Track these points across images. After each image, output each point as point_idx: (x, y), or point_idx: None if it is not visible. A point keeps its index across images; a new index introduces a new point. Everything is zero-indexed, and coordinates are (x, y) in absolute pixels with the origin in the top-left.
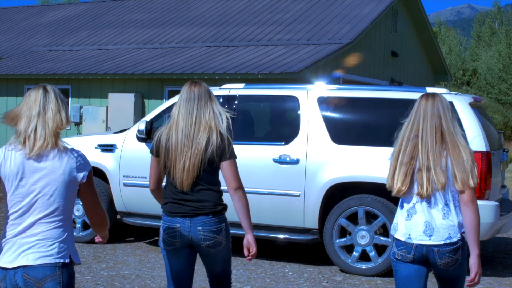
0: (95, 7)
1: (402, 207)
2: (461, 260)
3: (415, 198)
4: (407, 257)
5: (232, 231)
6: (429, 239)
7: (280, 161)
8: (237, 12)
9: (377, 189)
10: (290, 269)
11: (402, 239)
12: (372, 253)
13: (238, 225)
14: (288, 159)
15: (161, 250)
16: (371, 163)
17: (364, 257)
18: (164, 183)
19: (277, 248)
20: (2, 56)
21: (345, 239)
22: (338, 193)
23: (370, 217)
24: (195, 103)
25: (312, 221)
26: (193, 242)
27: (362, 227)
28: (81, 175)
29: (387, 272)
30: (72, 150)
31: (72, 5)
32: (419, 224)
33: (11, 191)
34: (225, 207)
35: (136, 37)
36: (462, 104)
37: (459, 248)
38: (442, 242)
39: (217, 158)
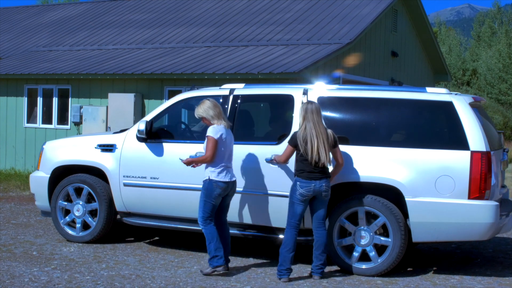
0: (95, 7)
1: None
2: None
3: None
4: None
5: (231, 231)
6: None
7: None
8: (237, 12)
9: (377, 189)
10: None
11: None
12: (372, 253)
13: (238, 226)
14: None
15: (295, 200)
16: (371, 163)
17: (364, 257)
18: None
19: (277, 248)
20: (2, 56)
21: (345, 239)
22: (338, 193)
23: (370, 217)
24: (314, 114)
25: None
26: (318, 192)
27: (362, 227)
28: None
29: (387, 272)
30: (231, 127)
31: (72, 5)
32: None
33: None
34: (330, 175)
35: (136, 37)
36: (462, 104)
37: None
38: None
39: (332, 146)
